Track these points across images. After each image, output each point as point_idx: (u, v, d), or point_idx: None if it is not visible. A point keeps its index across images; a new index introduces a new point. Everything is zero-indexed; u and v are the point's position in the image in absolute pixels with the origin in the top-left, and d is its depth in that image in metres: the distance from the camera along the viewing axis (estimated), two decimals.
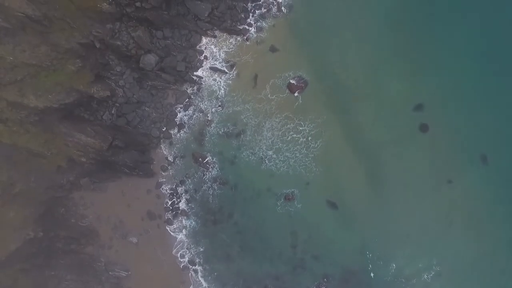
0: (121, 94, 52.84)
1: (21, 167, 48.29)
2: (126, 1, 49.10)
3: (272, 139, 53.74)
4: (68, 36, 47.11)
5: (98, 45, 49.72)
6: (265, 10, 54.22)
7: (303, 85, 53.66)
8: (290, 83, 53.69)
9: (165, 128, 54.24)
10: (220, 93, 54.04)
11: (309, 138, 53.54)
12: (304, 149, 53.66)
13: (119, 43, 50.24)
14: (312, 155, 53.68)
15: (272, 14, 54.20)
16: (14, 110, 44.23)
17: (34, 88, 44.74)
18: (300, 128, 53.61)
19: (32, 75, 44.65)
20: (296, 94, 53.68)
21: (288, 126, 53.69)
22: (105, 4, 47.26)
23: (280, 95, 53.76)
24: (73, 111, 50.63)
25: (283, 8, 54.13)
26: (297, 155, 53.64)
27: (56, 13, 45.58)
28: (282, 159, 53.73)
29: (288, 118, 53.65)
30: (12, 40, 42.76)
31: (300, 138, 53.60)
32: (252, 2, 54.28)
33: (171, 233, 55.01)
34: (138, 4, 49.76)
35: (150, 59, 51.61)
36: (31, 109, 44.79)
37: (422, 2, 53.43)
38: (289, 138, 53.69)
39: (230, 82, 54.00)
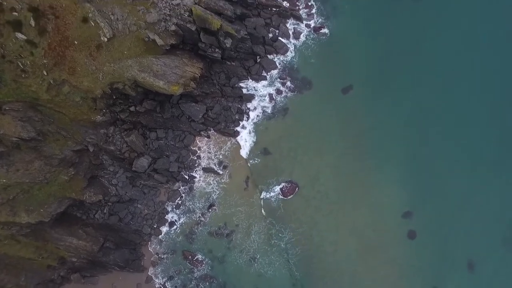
0: (114, 192, 53.39)
1: (11, 269, 49.39)
2: (119, 108, 49.51)
3: (260, 242, 54.39)
4: (62, 146, 47.68)
5: (92, 149, 50.20)
6: (259, 112, 54.52)
7: (293, 190, 54.13)
8: (281, 187, 54.16)
9: (156, 225, 54.87)
10: (212, 193, 54.54)
11: (288, 245, 54.38)
12: (286, 254, 54.38)
13: (112, 148, 50.69)
14: (293, 260, 54.35)
15: (267, 117, 54.45)
16: (5, 228, 44.99)
17: (26, 204, 45.39)
18: (281, 235, 54.51)
19: (25, 191, 45.30)
20: (286, 198, 54.20)
21: (271, 231, 54.49)
22: (99, 116, 47.57)
23: (270, 200, 54.24)
24: (65, 211, 51.24)
25: (278, 111, 54.34)
26: (281, 259, 54.36)
27: (51, 127, 46.17)
28: (268, 262, 54.43)
29: (271, 224, 54.48)
30: (6, 162, 43.44)
31: (281, 244, 54.43)
32: (247, 103, 54.47)
33: None
34: (132, 108, 50.26)
35: (142, 162, 52.10)
36: (23, 225, 45.51)
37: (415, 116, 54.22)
38: (272, 243, 54.45)
39: (223, 183, 54.51)
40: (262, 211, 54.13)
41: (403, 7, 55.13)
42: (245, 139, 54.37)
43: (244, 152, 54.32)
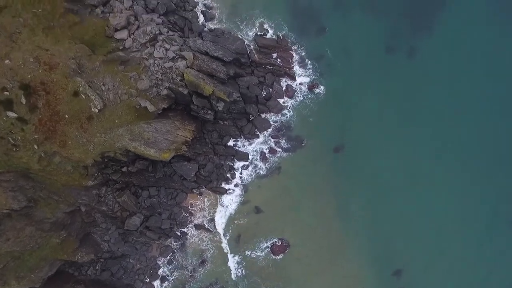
0: (106, 248, 53.75)
1: None
2: (111, 170, 49.70)
3: None
4: (53, 209, 47.91)
5: (84, 209, 50.54)
6: (252, 170, 54.61)
7: (284, 248, 54.42)
8: (272, 245, 54.47)
9: (148, 280, 55.31)
10: (206, 251, 54.87)
11: None
12: None
13: (104, 208, 51.00)
14: None
15: (260, 175, 54.53)
16: None
17: (16, 271, 45.70)
18: None
19: (15, 258, 45.64)
20: (278, 256, 54.54)
21: None
22: (90, 181, 47.78)
23: (259, 258, 54.60)
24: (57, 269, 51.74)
25: (270, 169, 54.43)
26: None
27: (42, 193, 46.40)
28: None
29: (256, 282, 54.82)
30: None
31: None
32: (239, 161, 54.57)
33: None
34: (124, 169, 50.42)
35: (135, 221, 52.36)
36: None
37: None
38: None
39: (216, 241, 54.77)
40: (251, 268, 54.58)
41: (397, 65, 54.83)
42: (237, 196, 54.62)
43: (220, 215, 54.82)
